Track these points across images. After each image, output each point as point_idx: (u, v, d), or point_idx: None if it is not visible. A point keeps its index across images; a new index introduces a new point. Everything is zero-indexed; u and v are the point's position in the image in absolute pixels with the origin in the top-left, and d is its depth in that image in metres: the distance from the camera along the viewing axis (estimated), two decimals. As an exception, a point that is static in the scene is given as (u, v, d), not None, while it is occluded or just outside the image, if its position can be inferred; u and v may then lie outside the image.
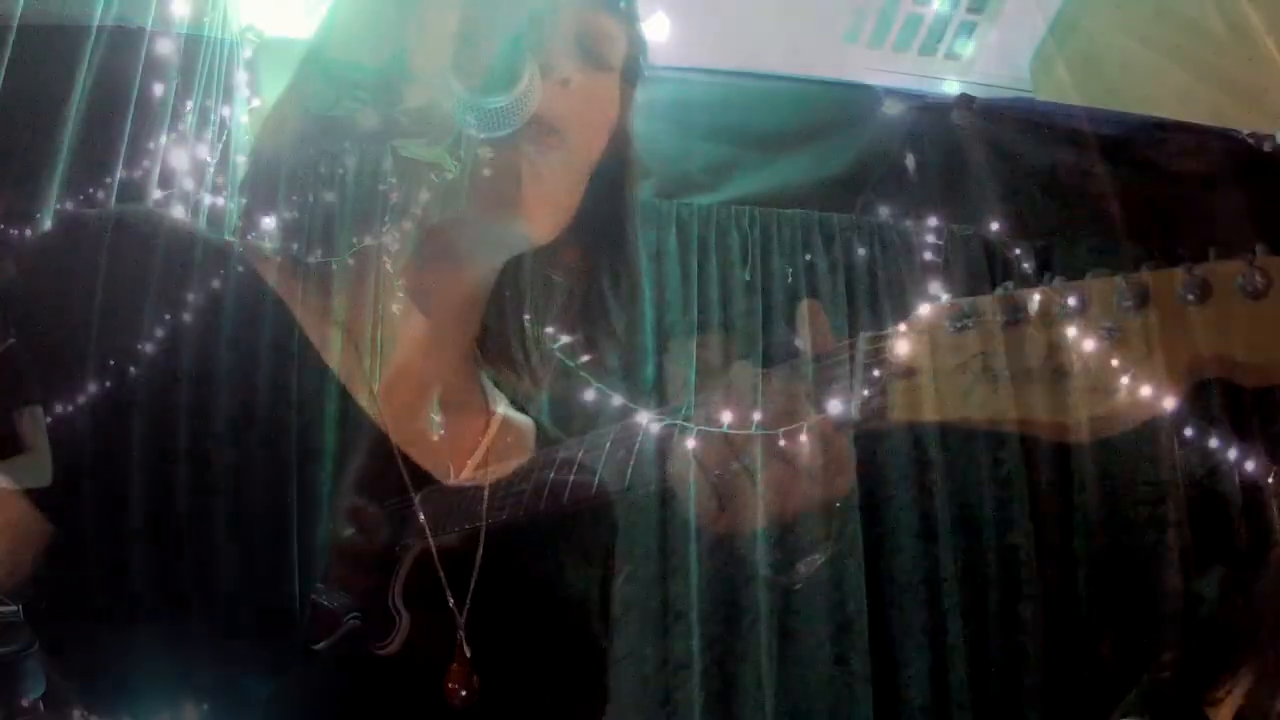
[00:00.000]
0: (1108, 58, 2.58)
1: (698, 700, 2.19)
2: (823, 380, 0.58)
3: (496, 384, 0.82)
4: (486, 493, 0.67)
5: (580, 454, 0.81)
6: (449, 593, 0.59)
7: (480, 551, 0.62)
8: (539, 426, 0.80)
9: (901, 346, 0.58)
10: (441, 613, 0.59)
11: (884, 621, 2.35)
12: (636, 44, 0.74)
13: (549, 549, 0.70)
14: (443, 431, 0.68)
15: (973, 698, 2.30)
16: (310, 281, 0.66)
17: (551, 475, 0.74)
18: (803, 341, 0.62)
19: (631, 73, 0.76)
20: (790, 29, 2.65)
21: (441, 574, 0.59)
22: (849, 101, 2.79)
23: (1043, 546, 2.48)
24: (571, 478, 0.76)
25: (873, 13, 2.59)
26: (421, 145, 0.63)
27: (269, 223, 0.68)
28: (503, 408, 0.78)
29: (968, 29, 2.65)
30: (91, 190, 1.46)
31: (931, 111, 2.83)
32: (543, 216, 0.67)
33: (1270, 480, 2.71)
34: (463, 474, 0.66)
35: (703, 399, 0.62)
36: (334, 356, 0.63)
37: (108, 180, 1.52)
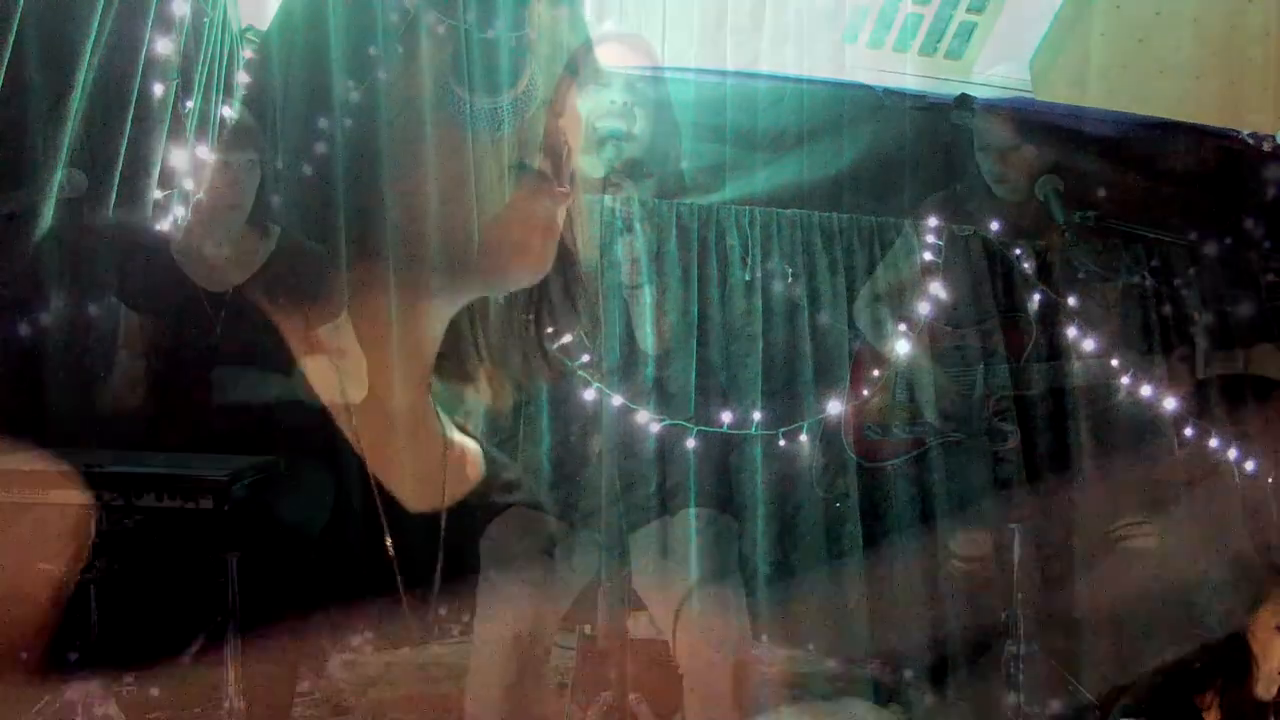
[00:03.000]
0: (1108, 58, 2.58)
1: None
2: None
3: (457, 406, 0.82)
4: (444, 519, 0.67)
5: (521, 476, 0.82)
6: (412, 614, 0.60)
7: (437, 579, 0.63)
8: (483, 449, 0.81)
9: None
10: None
11: (884, 621, 2.34)
12: (584, 41, 0.72)
13: (497, 565, 0.70)
14: (406, 458, 0.68)
15: (973, 697, 2.30)
16: (286, 301, 0.65)
17: (497, 499, 0.76)
18: None
19: (574, 69, 0.72)
20: (790, 29, 2.64)
21: (404, 598, 0.60)
22: (849, 101, 2.79)
23: (1042, 545, 2.48)
24: (514, 499, 0.78)
25: (873, 13, 2.59)
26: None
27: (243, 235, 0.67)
28: (453, 433, 0.78)
29: (968, 29, 2.65)
30: (90, 189, 1.46)
31: (931, 111, 2.83)
32: (543, 265, 0.68)
33: (1270, 480, 2.71)
34: (425, 501, 0.66)
35: None
36: (317, 381, 0.63)
37: (107, 180, 1.52)
